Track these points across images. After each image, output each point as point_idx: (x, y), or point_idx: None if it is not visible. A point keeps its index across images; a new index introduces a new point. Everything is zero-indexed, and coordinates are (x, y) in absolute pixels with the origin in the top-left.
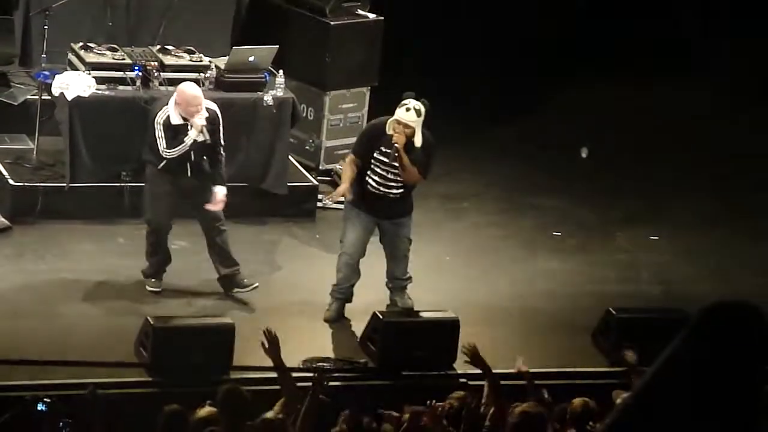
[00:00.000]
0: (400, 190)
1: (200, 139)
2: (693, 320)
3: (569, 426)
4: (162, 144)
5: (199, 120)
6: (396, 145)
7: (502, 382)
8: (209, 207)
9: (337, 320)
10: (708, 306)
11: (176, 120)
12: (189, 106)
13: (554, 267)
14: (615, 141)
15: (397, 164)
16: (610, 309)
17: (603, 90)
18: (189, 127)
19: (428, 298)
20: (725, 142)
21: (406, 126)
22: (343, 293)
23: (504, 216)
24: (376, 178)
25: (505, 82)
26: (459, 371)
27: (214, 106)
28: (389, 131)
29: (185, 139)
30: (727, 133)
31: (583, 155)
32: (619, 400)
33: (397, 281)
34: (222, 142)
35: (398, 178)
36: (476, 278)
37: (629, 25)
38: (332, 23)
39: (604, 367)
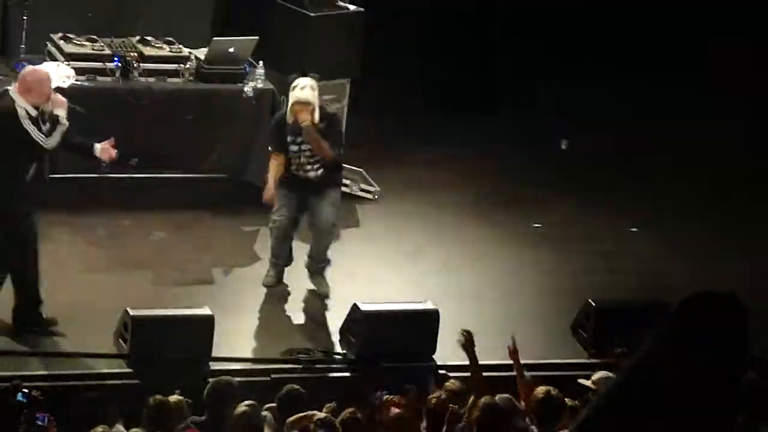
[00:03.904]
0: (320, 171)
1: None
2: (673, 311)
3: (529, 413)
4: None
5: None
6: (304, 124)
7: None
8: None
9: (277, 285)
10: (687, 297)
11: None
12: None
13: (534, 258)
14: (598, 134)
15: (308, 147)
16: (590, 300)
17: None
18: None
19: (408, 289)
20: (708, 136)
21: (306, 104)
22: (282, 259)
23: (485, 207)
24: (294, 166)
25: (489, 73)
26: (439, 362)
27: None
28: (290, 118)
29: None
30: (710, 128)
31: (563, 147)
32: (585, 382)
33: (312, 263)
34: None
35: (313, 159)
36: (456, 269)
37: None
38: (312, 14)
39: (583, 359)
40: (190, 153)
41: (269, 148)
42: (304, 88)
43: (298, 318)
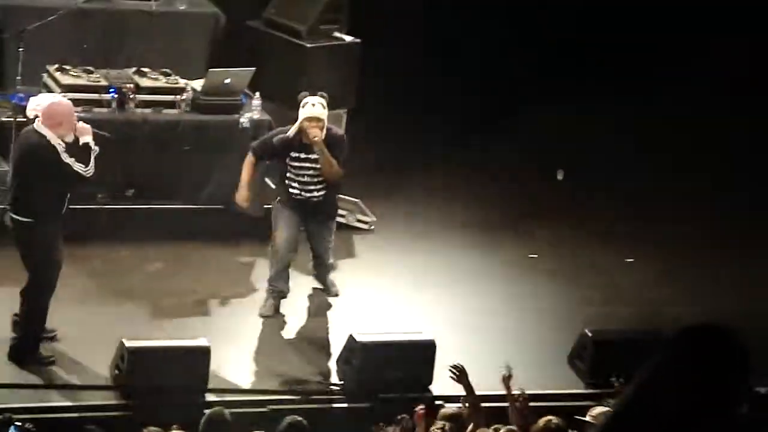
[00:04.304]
0: (322, 192)
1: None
2: (668, 342)
3: None
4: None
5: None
6: (316, 139)
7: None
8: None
9: (273, 316)
10: (683, 328)
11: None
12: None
13: (530, 289)
14: (591, 162)
15: (312, 166)
16: (586, 330)
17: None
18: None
19: (405, 318)
20: (703, 161)
21: (318, 120)
22: (279, 289)
23: (481, 237)
24: (296, 185)
25: (482, 103)
26: (435, 393)
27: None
28: (294, 132)
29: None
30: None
31: (559, 177)
32: (589, 417)
33: (321, 269)
34: None
35: (316, 179)
36: (452, 300)
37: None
38: (308, 46)
39: (579, 389)
40: (187, 184)
41: (252, 146)
42: (315, 105)
43: (295, 348)
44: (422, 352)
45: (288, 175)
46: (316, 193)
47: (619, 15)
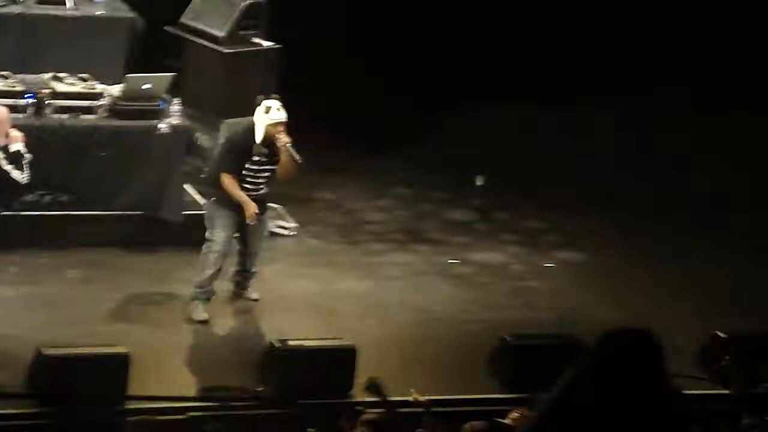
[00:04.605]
0: (267, 189)
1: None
2: (589, 348)
3: None
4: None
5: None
6: (287, 143)
7: (400, 410)
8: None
9: (209, 320)
10: (603, 333)
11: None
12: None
13: (448, 294)
14: (514, 165)
15: (271, 168)
16: (505, 336)
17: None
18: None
19: (323, 325)
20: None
21: (282, 124)
22: (213, 291)
23: (399, 244)
24: (249, 185)
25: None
26: (356, 399)
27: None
28: (261, 137)
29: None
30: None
31: (479, 183)
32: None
33: (248, 274)
34: None
35: (269, 179)
36: (372, 306)
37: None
38: (226, 51)
39: (498, 394)
40: (105, 190)
41: (224, 170)
42: (280, 110)
43: (216, 355)
44: (343, 359)
45: (242, 175)
46: (263, 190)
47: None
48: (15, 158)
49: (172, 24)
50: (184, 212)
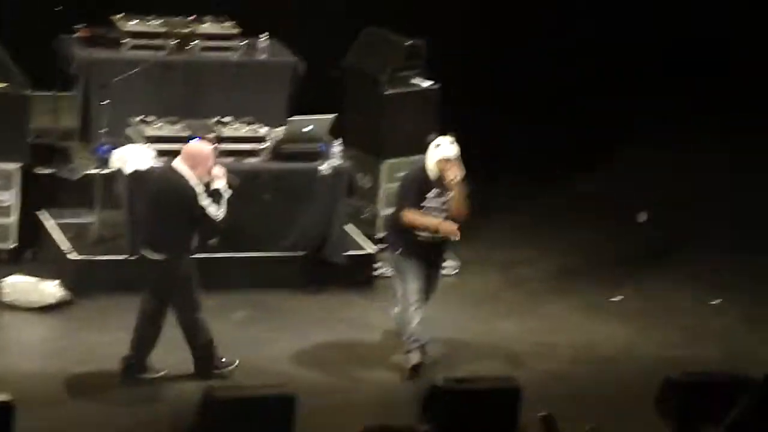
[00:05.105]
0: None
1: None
2: (757, 386)
3: None
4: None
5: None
6: (456, 179)
7: None
8: None
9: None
10: None
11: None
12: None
13: (614, 332)
14: (671, 201)
15: (443, 207)
16: (670, 375)
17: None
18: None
19: (486, 364)
20: None
21: (455, 160)
22: (424, 340)
23: (561, 281)
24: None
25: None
26: None
27: None
28: (434, 174)
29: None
30: None
31: (641, 220)
32: None
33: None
34: None
35: (440, 218)
36: (536, 343)
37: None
38: (387, 92)
39: None
40: (269, 232)
41: (403, 205)
42: (452, 144)
43: (378, 395)
44: (507, 398)
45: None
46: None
47: None
48: (215, 195)
49: (333, 66)
50: (346, 253)
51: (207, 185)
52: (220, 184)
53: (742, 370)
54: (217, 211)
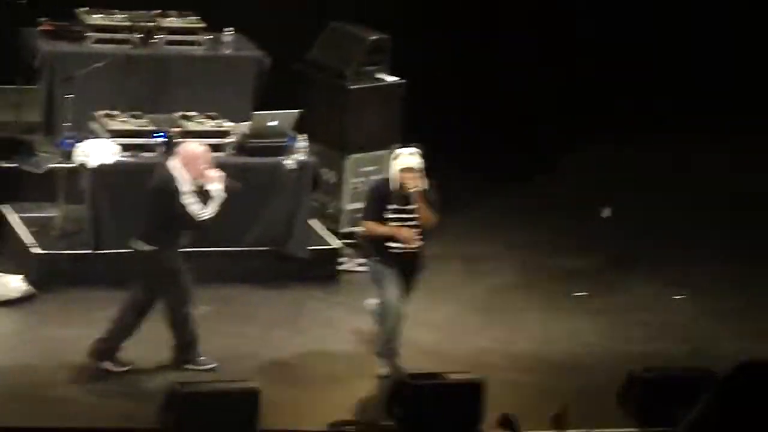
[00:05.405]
0: (420, 243)
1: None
2: (721, 380)
3: None
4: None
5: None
6: (414, 189)
7: None
8: None
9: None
10: (735, 366)
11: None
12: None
13: (577, 327)
14: (633, 197)
15: (412, 216)
16: (633, 369)
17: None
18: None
19: (451, 359)
20: (745, 195)
21: (416, 170)
22: (397, 350)
23: (523, 277)
24: (396, 241)
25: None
26: None
27: None
28: (396, 185)
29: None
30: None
31: (604, 215)
32: None
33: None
34: None
35: (416, 231)
36: (497, 339)
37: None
38: (351, 87)
39: (630, 428)
40: (233, 226)
41: (364, 218)
42: (413, 155)
43: (343, 391)
44: (471, 392)
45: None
46: (415, 245)
47: None
48: (204, 196)
49: (298, 61)
50: (309, 248)
51: (200, 186)
52: (213, 186)
53: (706, 365)
54: (200, 211)
